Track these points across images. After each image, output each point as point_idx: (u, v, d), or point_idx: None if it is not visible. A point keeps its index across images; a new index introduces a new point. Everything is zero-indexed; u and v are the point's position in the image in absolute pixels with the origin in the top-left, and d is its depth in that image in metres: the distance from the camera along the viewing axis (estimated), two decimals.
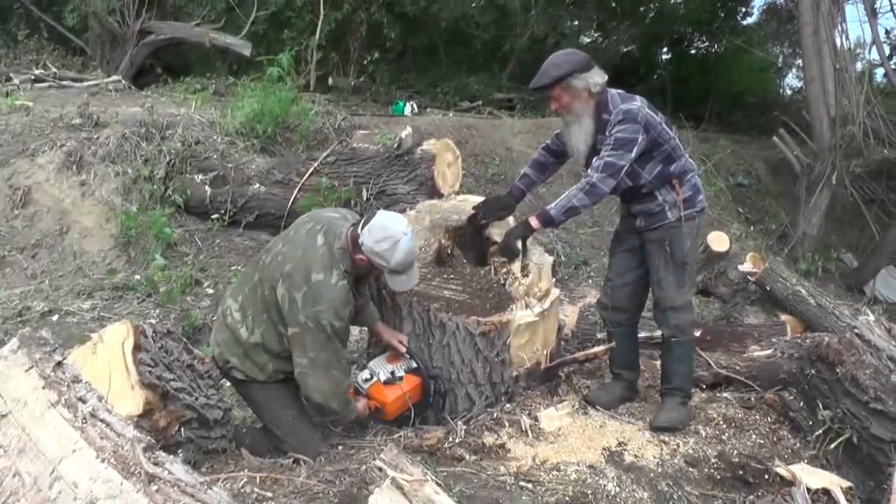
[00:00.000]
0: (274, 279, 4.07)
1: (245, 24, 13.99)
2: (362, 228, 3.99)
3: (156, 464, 2.24)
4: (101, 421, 2.42)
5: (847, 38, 12.48)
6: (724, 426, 4.61)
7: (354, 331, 5.14)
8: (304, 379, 4.03)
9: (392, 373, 4.42)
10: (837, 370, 4.28)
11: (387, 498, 2.53)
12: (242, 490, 3.47)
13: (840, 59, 11.87)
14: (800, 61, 17.19)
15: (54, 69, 12.70)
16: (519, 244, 4.62)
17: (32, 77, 12.04)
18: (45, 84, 11.89)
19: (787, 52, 20.33)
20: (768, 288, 8.00)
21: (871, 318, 4.64)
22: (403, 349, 4.46)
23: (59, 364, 2.63)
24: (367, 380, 4.45)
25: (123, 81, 12.54)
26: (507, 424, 4.37)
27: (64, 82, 12.12)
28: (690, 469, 4.11)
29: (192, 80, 13.01)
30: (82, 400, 2.49)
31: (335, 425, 4.52)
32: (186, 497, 2.13)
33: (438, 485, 2.75)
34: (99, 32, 13.72)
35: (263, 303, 4.14)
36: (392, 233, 3.94)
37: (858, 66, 13.03)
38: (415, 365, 4.44)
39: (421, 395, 4.45)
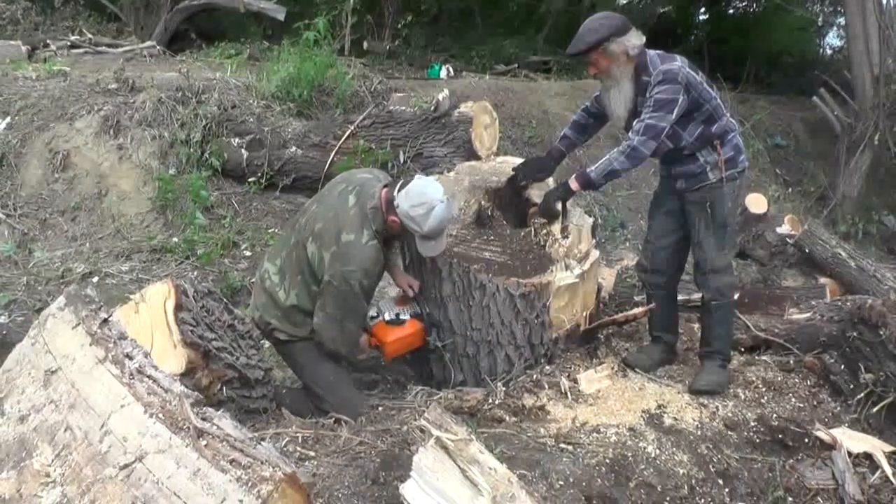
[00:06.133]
0: (305, 238, 4.18)
1: None
2: (399, 191, 4.03)
3: (204, 419, 2.26)
4: (148, 377, 2.45)
5: None
6: (764, 389, 4.58)
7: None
8: (320, 328, 4.21)
9: (397, 314, 4.51)
10: (881, 332, 4.22)
11: (431, 457, 2.53)
12: (286, 449, 3.50)
13: (885, 16, 11.62)
14: (841, 19, 16.83)
15: (90, 35, 12.70)
16: (559, 206, 4.61)
17: (69, 43, 12.07)
18: (82, 50, 11.92)
19: (828, 11, 19.81)
20: (807, 250, 7.89)
21: None
22: (412, 294, 4.51)
23: (106, 321, 2.67)
24: (372, 317, 4.54)
25: (158, 47, 12.53)
26: (546, 386, 4.37)
27: (99, 48, 12.14)
28: (730, 432, 4.09)
29: (227, 45, 12.94)
30: (129, 356, 2.52)
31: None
32: (236, 452, 2.15)
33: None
34: None
35: (298, 264, 4.24)
36: (429, 199, 3.98)
37: None
38: (419, 311, 4.50)
39: (420, 342, 4.53)
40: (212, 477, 2.12)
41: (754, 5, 19.89)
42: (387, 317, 4.49)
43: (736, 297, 4.98)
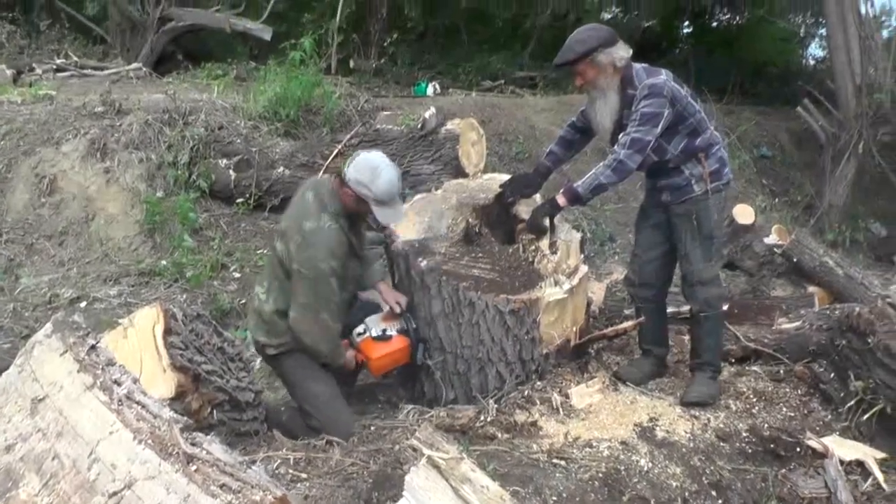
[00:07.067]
0: (274, 242, 4.31)
1: (265, 8, 13.96)
2: (347, 168, 4.15)
3: (193, 444, 2.25)
4: (137, 403, 2.44)
5: (872, 5, 12.36)
6: (755, 400, 4.61)
7: None
8: (295, 324, 4.19)
9: (384, 331, 4.48)
10: (869, 340, 4.23)
11: (423, 476, 2.53)
12: (277, 471, 3.49)
13: (865, 27, 11.75)
14: (823, 31, 17.02)
15: (76, 58, 12.73)
16: (546, 221, 4.63)
17: (55, 66, 12.07)
18: (67, 73, 11.92)
19: (810, 22, 20.02)
20: (795, 260, 7.90)
21: None
22: (398, 310, 4.50)
23: (93, 347, 2.66)
24: (360, 333, 4.52)
25: (144, 69, 12.54)
26: (538, 402, 4.37)
27: (85, 71, 12.15)
28: (722, 443, 4.10)
29: (213, 65, 12.95)
30: (117, 382, 2.51)
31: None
32: (226, 476, 2.14)
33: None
34: (119, 21, 13.74)
35: (272, 268, 4.33)
36: (374, 163, 4.13)
37: (885, 33, 12.89)
38: (406, 327, 4.50)
39: (407, 358, 4.52)
40: (202, 502, 2.10)
41: (738, 17, 20.05)
42: (373, 333, 4.48)
43: (724, 308, 5.00)
